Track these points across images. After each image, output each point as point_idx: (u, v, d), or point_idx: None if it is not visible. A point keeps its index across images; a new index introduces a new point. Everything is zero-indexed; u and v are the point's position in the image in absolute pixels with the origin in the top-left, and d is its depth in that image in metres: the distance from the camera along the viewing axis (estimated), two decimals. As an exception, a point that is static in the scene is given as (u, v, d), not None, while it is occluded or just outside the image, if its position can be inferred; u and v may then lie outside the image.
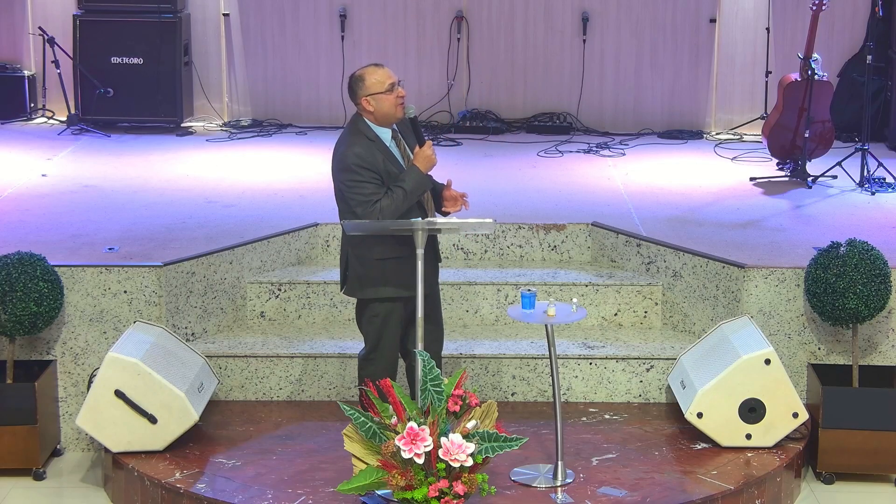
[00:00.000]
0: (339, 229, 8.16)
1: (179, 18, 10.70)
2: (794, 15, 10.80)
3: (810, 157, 9.26)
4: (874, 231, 7.96)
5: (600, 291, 7.81)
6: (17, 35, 11.12)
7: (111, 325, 7.28)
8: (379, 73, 6.32)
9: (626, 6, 10.94)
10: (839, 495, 6.94)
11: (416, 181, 6.27)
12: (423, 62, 11.07)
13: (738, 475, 6.57)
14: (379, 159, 6.26)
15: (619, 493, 6.37)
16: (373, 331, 6.46)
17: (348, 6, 11.02)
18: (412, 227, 6.23)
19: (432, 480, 5.89)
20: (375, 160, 6.25)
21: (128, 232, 7.95)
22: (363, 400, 6.30)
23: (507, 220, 8.25)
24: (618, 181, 9.34)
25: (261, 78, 11.13)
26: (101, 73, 10.58)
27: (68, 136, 10.45)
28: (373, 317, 6.44)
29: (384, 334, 6.44)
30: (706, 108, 11.04)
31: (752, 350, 6.83)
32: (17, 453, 6.94)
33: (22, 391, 6.91)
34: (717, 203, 8.77)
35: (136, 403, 6.71)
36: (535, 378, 7.43)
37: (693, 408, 6.84)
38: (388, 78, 6.29)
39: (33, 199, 8.68)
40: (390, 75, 6.31)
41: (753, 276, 7.37)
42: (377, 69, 6.34)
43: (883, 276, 7.00)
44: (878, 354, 7.38)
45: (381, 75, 6.30)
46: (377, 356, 6.48)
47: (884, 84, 10.46)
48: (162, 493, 6.46)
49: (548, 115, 11.00)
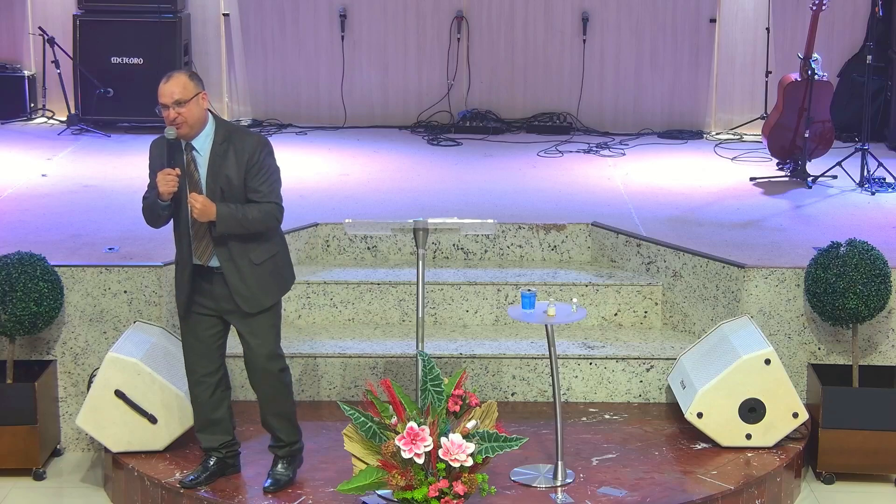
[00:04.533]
0: (340, 229, 8.17)
1: (179, 18, 10.69)
2: (794, 15, 10.80)
3: (810, 157, 9.26)
4: (874, 231, 7.96)
5: (600, 291, 7.80)
6: (17, 35, 11.11)
7: (111, 325, 7.28)
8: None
9: (626, 6, 10.94)
10: (839, 495, 6.94)
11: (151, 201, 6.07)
12: (423, 62, 11.07)
13: (738, 475, 6.57)
14: (162, 161, 6.06)
15: (619, 493, 6.37)
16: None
17: (348, 6, 11.02)
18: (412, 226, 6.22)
19: (432, 480, 5.89)
20: (159, 157, 6.10)
21: (128, 232, 7.95)
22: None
23: (507, 220, 8.25)
24: (618, 181, 9.34)
25: (261, 78, 11.12)
26: (101, 73, 10.57)
27: (68, 136, 10.45)
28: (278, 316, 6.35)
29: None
30: (706, 108, 11.04)
31: (752, 350, 6.83)
32: (17, 453, 6.94)
33: (22, 391, 6.91)
34: (717, 203, 8.77)
35: (136, 403, 6.71)
36: (535, 378, 7.43)
37: (693, 408, 6.84)
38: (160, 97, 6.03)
39: (33, 199, 8.68)
40: (161, 94, 6.01)
41: (753, 276, 7.36)
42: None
43: (883, 276, 7.00)
44: (878, 354, 7.38)
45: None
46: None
47: (884, 84, 10.45)
48: (162, 493, 6.46)
49: (548, 115, 11.00)
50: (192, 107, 5.97)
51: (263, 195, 6.05)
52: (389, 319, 7.84)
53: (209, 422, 6.39)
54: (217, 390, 6.37)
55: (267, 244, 6.16)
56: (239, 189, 6.04)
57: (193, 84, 6.00)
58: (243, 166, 6.02)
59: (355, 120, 11.05)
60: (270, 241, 6.17)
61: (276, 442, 6.39)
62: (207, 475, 6.40)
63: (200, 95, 6.02)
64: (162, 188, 5.97)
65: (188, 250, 6.14)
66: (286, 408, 6.37)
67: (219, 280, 6.14)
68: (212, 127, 6.09)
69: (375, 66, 11.07)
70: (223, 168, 6.03)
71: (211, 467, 6.42)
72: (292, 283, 6.37)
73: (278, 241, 6.24)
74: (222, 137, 6.06)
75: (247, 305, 6.15)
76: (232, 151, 6.04)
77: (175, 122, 5.97)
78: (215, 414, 6.38)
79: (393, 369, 7.38)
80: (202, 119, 6.04)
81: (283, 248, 6.28)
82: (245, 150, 6.03)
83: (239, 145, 6.04)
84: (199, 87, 6.03)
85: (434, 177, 9.44)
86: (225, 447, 6.44)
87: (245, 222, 6.02)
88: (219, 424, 6.41)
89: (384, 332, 7.69)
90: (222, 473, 6.44)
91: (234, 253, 6.09)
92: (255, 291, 6.14)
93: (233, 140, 6.06)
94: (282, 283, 6.26)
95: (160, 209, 6.07)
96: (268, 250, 6.16)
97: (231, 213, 6.00)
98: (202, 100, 6.03)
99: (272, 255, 6.18)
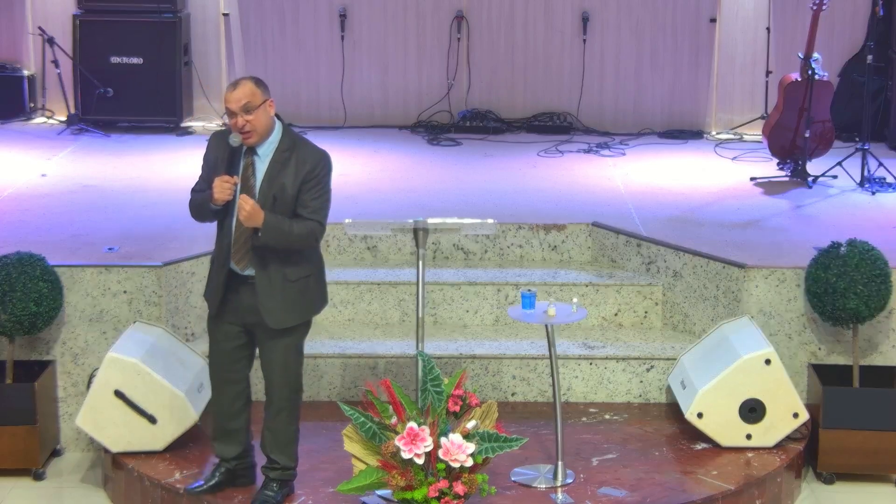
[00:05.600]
0: (340, 229, 8.16)
1: (179, 18, 10.69)
2: (794, 15, 10.79)
3: (810, 157, 9.25)
4: (874, 231, 7.96)
5: (600, 291, 7.80)
6: (17, 35, 11.11)
7: (111, 325, 7.27)
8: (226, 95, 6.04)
9: (626, 6, 10.94)
10: (839, 495, 6.94)
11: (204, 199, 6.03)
12: (423, 62, 11.07)
13: (739, 475, 6.57)
14: (217, 156, 6.06)
15: (619, 493, 6.37)
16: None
17: (348, 6, 11.02)
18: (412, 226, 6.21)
19: (432, 481, 5.89)
20: (214, 151, 6.09)
21: (128, 232, 7.95)
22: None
23: (507, 220, 8.24)
24: (618, 181, 9.34)
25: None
26: (101, 73, 10.57)
27: (68, 136, 10.44)
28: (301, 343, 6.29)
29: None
30: (706, 108, 11.04)
31: (753, 350, 6.83)
32: (17, 453, 6.94)
33: (21, 391, 6.91)
34: (717, 203, 8.77)
35: (135, 403, 6.71)
36: (535, 378, 7.43)
37: (693, 408, 6.83)
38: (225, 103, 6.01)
39: (33, 199, 8.68)
40: (228, 100, 5.98)
41: (754, 276, 7.36)
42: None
43: (883, 276, 7.00)
44: (879, 354, 7.38)
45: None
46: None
47: (884, 84, 10.45)
48: (162, 493, 6.46)
49: (548, 115, 10.99)
50: (259, 114, 5.92)
51: (312, 211, 5.97)
52: (389, 319, 7.84)
53: (224, 431, 6.33)
54: (237, 402, 6.29)
55: (305, 264, 6.08)
56: (291, 199, 5.96)
57: (261, 91, 5.95)
58: (301, 177, 5.95)
59: (355, 120, 11.05)
60: (309, 261, 6.10)
61: (270, 463, 6.29)
62: (213, 484, 6.34)
63: (268, 103, 5.95)
64: (217, 195, 5.92)
65: (227, 252, 6.07)
66: (286, 429, 6.25)
67: (248, 290, 6.07)
68: (278, 134, 6.01)
69: (375, 66, 11.07)
70: (281, 175, 5.96)
71: (218, 477, 6.36)
72: (322, 308, 6.28)
73: (316, 263, 6.16)
74: (287, 146, 6.00)
75: (271, 320, 6.07)
76: (294, 160, 5.97)
77: (243, 129, 5.91)
78: (231, 424, 6.32)
79: (393, 369, 7.38)
80: (269, 126, 5.98)
81: (318, 271, 6.19)
82: (307, 161, 5.97)
83: (302, 156, 5.98)
84: (266, 93, 5.96)
85: (434, 177, 9.44)
86: (236, 459, 6.37)
87: (289, 236, 5.94)
88: (234, 435, 6.34)
89: (384, 333, 7.69)
90: (230, 484, 6.37)
91: (270, 265, 6.01)
92: (281, 307, 6.06)
93: (297, 149, 6.00)
94: (310, 305, 6.17)
95: (209, 211, 6.03)
96: (304, 270, 6.08)
97: (277, 223, 5.92)
98: (269, 107, 5.97)
99: (307, 275, 6.10)
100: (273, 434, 6.23)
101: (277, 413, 6.21)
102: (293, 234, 5.94)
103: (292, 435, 6.26)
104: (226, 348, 6.20)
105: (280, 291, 6.04)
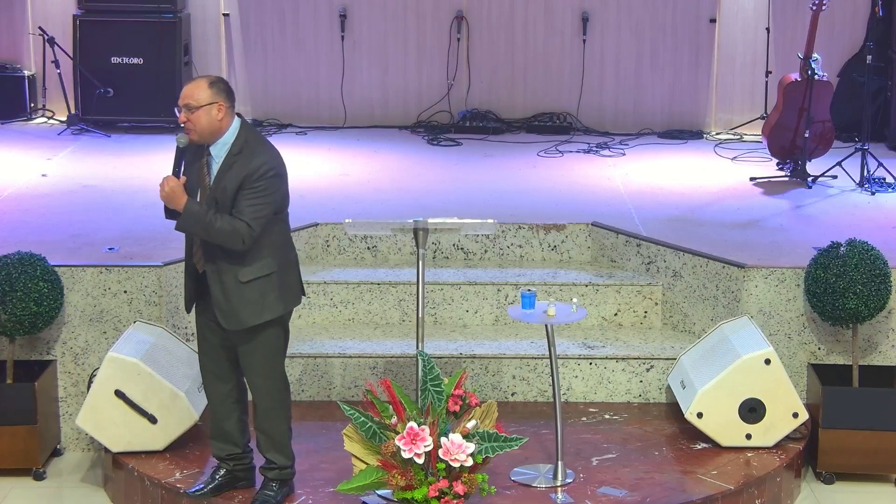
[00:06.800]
0: (340, 229, 8.17)
1: (179, 18, 10.69)
2: (794, 15, 10.80)
3: (810, 157, 9.26)
4: (874, 231, 7.96)
5: (600, 291, 7.80)
6: (17, 35, 11.11)
7: (111, 325, 7.28)
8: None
9: (626, 6, 10.94)
10: (839, 495, 6.94)
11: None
12: (423, 62, 11.07)
13: (738, 475, 6.57)
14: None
15: (619, 493, 6.37)
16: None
17: (348, 6, 11.02)
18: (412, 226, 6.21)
19: (432, 480, 5.89)
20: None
21: (128, 232, 7.95)
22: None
23: (507, 220, 8.24)
24: (618, 181, 9.34)
25: (261, 78, 11.12)
26: (101, 73, 10.57)
27: (68, 136, 10.45)
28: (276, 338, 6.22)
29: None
30: (706, 108, 11.04)
31: (752, 350, 6.83)
32: (17, 453, 6.94)
33: (22, 391, 6.91)
34: (717, 203, 8.77)
35: (136, 403, 6.71)
36: (535, 378, 7.43)
37: (693, 408, 6.84)
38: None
39: (33, 199, 8.68)
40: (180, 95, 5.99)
41: (753, 276, 7.37)
42: None
43: (883, 276, 7.00)
44: (878, 354, 7.38)
45: None
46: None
47: (884, 84, 10.45)
48: (162, 493, 6.46)
49: (548, 115, 11.00)
50: (200, 114, 5.89)
51: (240, 212, 5.89)
52: (389, 319, 7.84)
53: (219, 430, 6.31)
54: (227, 400, 6.26)
55: (258, 263, 5.98)
56: (230, 202, 5.92)
57: (211, 93, 5.90)
58: (240, 181, 5.91)
59: (355, 120, 11.05)
60: (263, 260, 5.99)
61: (267, 464, 6.26)
62: (214, 486, 6.32)
63: (216, 105, 5.90)
64: (160, 194, 5.95)
65: (190, 250, 6.11)
66: (278, 428, 6.20)
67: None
68: (232, 136, 5.97)
69: (375, 66, 11.07)
70: (225, 178, 5.94)
71: (219, 479, 6.34)
72: (293, 305, 6.16)
73: (278, 262, 6.04)
74: (238, 149, 5.96)
75: (225, 321, 6.02)
76: (238, 165, 5.94)
77: (185, 125, 5.94)
78: (224, 424, 6.29)
79: (393, 369, 7.38)
80: (213, 129, 5.93)
81: (282, 270, 6.07)
82: (247, 167, 5.92)
83: (245, 161, 5.93)
84: (217, 96, 5.90)
85: (434, 177, 9.44)
86: (233, 459, 6.35)
87: (209, 228, 5.86)
88: (227, 436, 6.32)
89: (384, 332, 7.70)
90: (231, 486, 6.34)
91: (220, 264, 5.98)
92: (235, 307, 5.99)
93: (245, 153, 5.95)
94: (273, 304, 6.04)
95: (167, 211, 6.05)
96: (259, 269, 5.99)
97: (197, 212, 5.89)
98: (216, 110, 5.90)
99: (264, 274, 6.00)
100: (265, 435, 6.21)
101: (265, 414, 6.19)
102: (213, 227, 5.86)
103: (285, 433, 6.23)
104: (210, 343, 6.20)
105: (234, 292, 5.98)
